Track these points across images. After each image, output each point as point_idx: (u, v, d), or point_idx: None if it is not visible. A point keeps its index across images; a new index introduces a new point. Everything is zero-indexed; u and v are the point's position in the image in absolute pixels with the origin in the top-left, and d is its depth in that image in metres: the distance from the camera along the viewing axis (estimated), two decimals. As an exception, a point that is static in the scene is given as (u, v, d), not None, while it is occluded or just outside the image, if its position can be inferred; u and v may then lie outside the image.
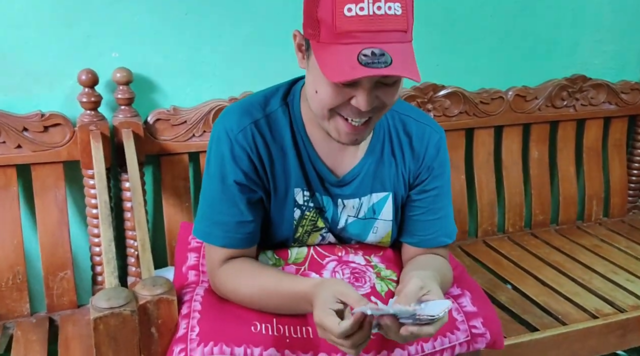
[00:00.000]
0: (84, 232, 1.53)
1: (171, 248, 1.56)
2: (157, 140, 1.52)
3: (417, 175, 1.11)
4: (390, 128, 1.10)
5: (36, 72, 1.43)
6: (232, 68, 1.58)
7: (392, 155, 1.10)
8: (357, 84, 0.89)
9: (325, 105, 0.93)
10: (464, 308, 1.09)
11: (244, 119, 1.04)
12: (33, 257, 1.49)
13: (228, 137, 1.03)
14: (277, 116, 1.05)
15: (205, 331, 0.99)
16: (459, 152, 1.82)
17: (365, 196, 1.10)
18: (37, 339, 1.36)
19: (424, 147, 1.10)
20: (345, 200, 1.10)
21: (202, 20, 1.53)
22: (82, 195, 1.49)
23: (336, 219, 1.11)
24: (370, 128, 0.98)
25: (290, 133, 1.05)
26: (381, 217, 1.13)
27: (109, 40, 1.47)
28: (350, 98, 0.91)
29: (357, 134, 0.96)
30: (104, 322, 0.98)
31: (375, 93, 0.90)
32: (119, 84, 1.45)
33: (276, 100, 1.07)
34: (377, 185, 1.10)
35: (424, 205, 1.12)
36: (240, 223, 1.04)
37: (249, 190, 1.04)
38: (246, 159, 1.03)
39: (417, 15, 1.70)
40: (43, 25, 1.41)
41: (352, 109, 0.92)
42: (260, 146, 1.04)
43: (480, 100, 1.80)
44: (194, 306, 1.06)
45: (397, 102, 1.10)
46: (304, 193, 1.07)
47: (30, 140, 1.41)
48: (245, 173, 1.03)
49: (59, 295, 1.48)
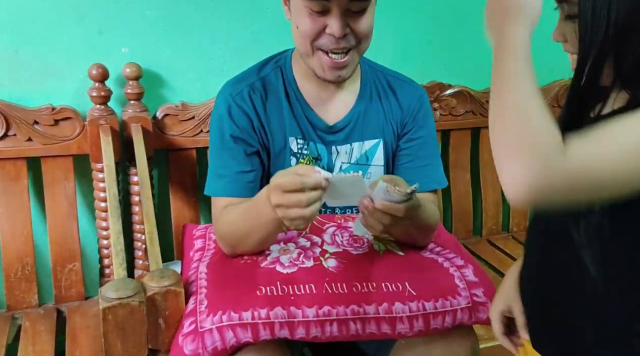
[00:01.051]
0: (92, 224, 1.54)
1: (178, 243, 1.57)
2: (165, 135, 1.53)
3: (404, 125, 1.21)
4: (376, 83, 1.21)
5: (47, 66, 1.45)
6: (241, 64, 1.57)
7: (380, 104, 1.20)
8: (329, 12, 1.02)
9: (305, 35, 1.05)
10: (466, 278, 1.10)
11: (240, 84, 1.17)
12: (42, 249, 1.51)
13: (226, 100, 1.15)
14: (271, 77, 1.18)
15: (213, 302, 1.01)
16: (464, 151, 1.83)
17: (356, 142, 1.19)
18: (45, 330, 1.37)
19: (408, 99, 1.21)
20: (338, 147, 1.19)
21: (212, 16, 1.54)
22: (91, 189, 1.51)
23: (331, 165, 1.19)
24: (352, 65, 1.09)
25: (283, 90, 1.17)
26: (374, 163, 1.21)
27: (120, 35, 1.48)
28: (325, 27, 1.03)
29: (339, 69, 1.07)
30: (112, 312, 0.99)
31: (347, 21, 1.03)
32: (129, 79, 1.47)
33: (269, 65, 1.20)
34: (367, 132, 1.20)
35: (412, 153, 1.21)
36: (239, 173, 1.13)
37: (245, 143, 1.13)
38: (243, 115, 1.13)
39: (424, 13, 1.73)
40: (54, 20, 1.43)
41: (329, 39, 1.04)
42: (257, 103, 1.15)
43: (486, 99, 1.80)
44: (200, 283, 1.08)
45: (382, 66, 1.26)
46: (297, 140, 1.17)
47: (40, 133, 1.43)
48: (241, 127, 1.13)
49: (67, 287, 1.49)
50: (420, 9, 1.72)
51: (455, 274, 1.10)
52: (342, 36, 1.03)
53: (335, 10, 1.01)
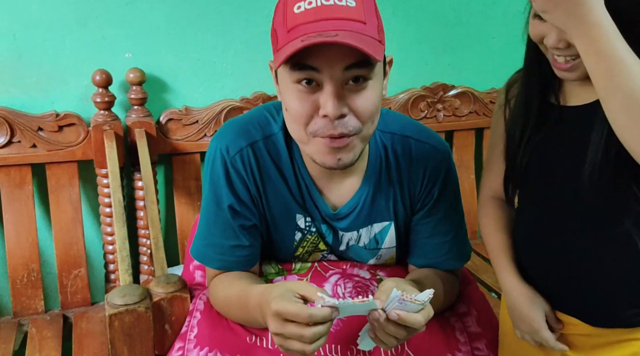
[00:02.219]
0: (98, 230, 1.55)
1: (183, 247, 1.57)
2: (169, 140, 1.53)
3: (418, 201, 1.04)
4: (388, 153, 1.03)
5: (51, 72, 1.46)
6: (244, 68, 1.60)
7: (389, 184, 1.03)
8: (320, 87, 0.84)
9: (296, 119, 0.87)
10: (468, 329, 1.05)
11: (241, 140, 0.99)
12: (47, 255, 1.51)
13: (223, 159, 0.99)
14: (277, 140, 1.00)
15: (203, 334, 0.99)
16: (468, 152, 1.82)
17: (363, 228, 1.05)
18: (51, 336, 1.37)
19: (424, 170, 1.02)
20: (343, 232, 1.05)
21: (214, 20, 1.54)
22: (95, 194, 1.51)
23: (337, 244, 1.08)
24: (355, 149, 0.89)
25: (289, 160, 1.00)
26: (384, 246, 1.08)
27: (123, 41, 1.49)
28: (318, 108, 0.85)
29: (339, 152, 0.88)
30: (119, 319, 0.99)
31: (344, 99, 0.84)
32: (132, 84, 1.47)
33: (277, 122, 1.01)
34: (376, 216, 1.04)
35: (429, 229, 1.05)
36: (235, 247, 1.01)
37: (243, 217, 1.01)
38: (241, 185, 0.99)
39: (427, 15, 1.73)
40: (58, 26, 1.43)
41: (324, 123, 0.85)
42: (257, 170, 0.99)
43: (490, 100, 1.80)
44: (197, 305, 1.07)
45: (396, 122, 1.05)
46: (305, 219, 1.04)
47: (45, 140, 1.43)
48: (240, 199, 1.00)
49: (73, 293, 1.49)
50: (424, 9, 1.72)
51: (456, 325, 1.05)
52: (337, 117, 0.83)
53: (327, 85, 0.82)
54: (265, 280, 1.10)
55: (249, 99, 1.58)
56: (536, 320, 0.91)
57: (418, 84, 1.76)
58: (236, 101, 1.57)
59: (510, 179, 0.95)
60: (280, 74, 0.89)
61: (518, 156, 0.91)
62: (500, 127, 0.97)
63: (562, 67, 0.82)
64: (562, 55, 0.81)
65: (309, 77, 0.83)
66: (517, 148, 0.91)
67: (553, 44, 0.80)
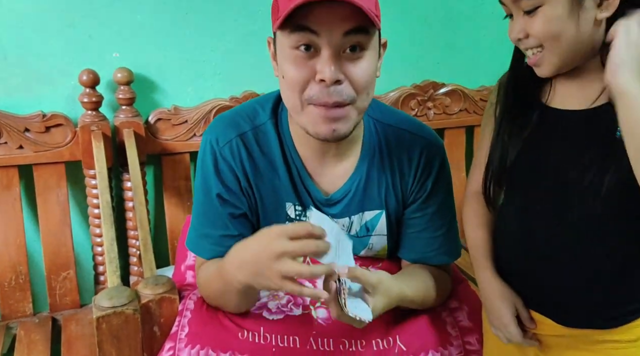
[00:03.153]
0: (86, 231, 1.53)
1: (173, 248, 1.56)
2: (158, 140, 1.52)
3: (410, 194, 1.05)
4: (381, 144, 1.04)
5: (37, 73, 1.44)
6: (233, 67, 1.59)
7: (382, 173, 1.04)
8: (318, 52, 0.85)
9: (292, 85, 0.87)
10: (459, 323, 1.06)
11: (230, 131, 1.01)
12: (36, 257, 1.49)
13: (213, 150, 1.01)
14: (266, 128, 1.02)
15: (194, 332, 0.99)
16: (459, 150, 1.82)
17: (355, 215, 1.05)
18: (40, 339, 1.36)
19: (418, 163, 1.03)
20: (335, 219, 1.04)
21: (203, 19, 1.53)
22: (84, 195, 1.49)
23: None
24: (349, 121, 0.90)
25: (279, 147, 1.01)
26: (375, 233, 1.08)
27: (110, 40, 1.47)
28: (314, 74, 0.86)
29: (334, 122, 0.88)
30: (106, 321, 0.98)
31: (340, 67, 0.85)
32: (120, 84, 1.46)
33: (265, 111, 1.03)
34: (368, 204, 1.05)
35: (421, 223, 1.06)
36: (224, 237, 1.02)
37: (231, 205, 1.02)
38: (230, 174, 1.01)
39: (417, 12, 1.72)
40: (44, 25, 1.42)
41: (320, 89, 0.86)
42: (246, 160, 1.01)
43: (480, 97, 1.80)
44: (187, 304, 1.06)
45: (392, 114, 1.07)
46: (295, 207, 1.04)
47: (32, 141, 1.41)
48: (228, 187, 1.01)
49: (62, 295, 1.48)
50: (413, 8, 1.72)
51: (447, 320, 1.06)
52: (333, 82, 0.85)
53: (325, 49, 0.84)
54: None
55: (239, 98, 1.57)
56: (505, 315, 0.92)
57: (408, 82, 1.76)
58: (225, 100, 1.56)
59: (493, 177, 0.94)
60: (278, 42, 0.90)
61: (505, 153, 0.91)
62: (490, 125, 0.97)
63: (531, 62, 0.84)
64: (527, 48, 0.83)
65: (308, 42, 0.85)
66: (503, 145, 0.91)
67: (515, 36, 0.83)
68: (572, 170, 0.83)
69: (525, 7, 0.79)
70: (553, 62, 0.82)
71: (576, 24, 0.78)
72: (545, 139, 0.88)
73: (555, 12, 0.77)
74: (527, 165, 0.89)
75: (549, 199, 0.87)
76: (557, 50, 0.80)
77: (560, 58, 0.81)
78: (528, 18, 0.80)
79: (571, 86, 0.85)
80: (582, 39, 0.79)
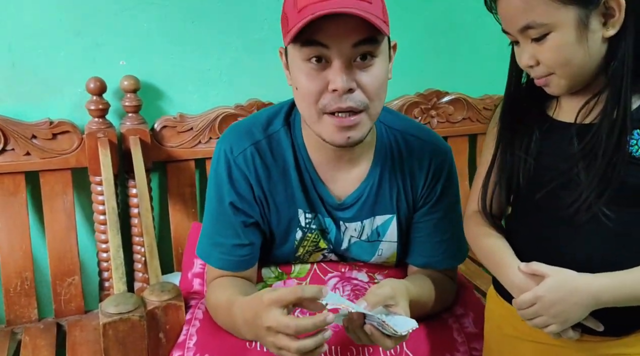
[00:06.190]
0: (92, 238, 1.54)
1: (177, 254, 1.57)
2: (163, 147, 1.53)
3: (420, 198, 1.08)
4: (392, 149, 1.06)
5: (45, 80, 1.45)
6: (239, 75, 1.60)
7: (394, 177, 1.06)
8: (329, 63, 0.87)
9: (306, 96, 0.90)
10: (465, 329, 1.07)
11: (244, 140, 1.03)
12: (41, 263, 1.50)
13: (227, 158, 1.03)
14: (280, 137, 1.04)
15: (203, 341, 0.99)
16: (462, 158, 1.83)
17: (367, 219, 1.07)
18: (45, 344, 1.37)
19: (427, 169, 1.06)
20: (347, 223, 1.07)
21: (209, 27, 1.55)
22: (89, 202, 1.50)
23: (339, 240, 1.09)
24: (362, 127, 0.93)
25: (292, 155, 1.03)
26: (385, 239, 1.10)
27: (117, 48, 1.49)
28: (327, 85, 0.88)
29: (348, 130, 0.91)
30: (112, 327, 0.99)
31: (352, 75, 0.88)
32: (127, 91, 1.47)
33: (279, 120, 1.05)
34: (379, 208, 1.07)
35: (429, 227, 1.08)
36: (236, 246, 1.03)
37: (244, 214, 1.03)
38: (244, 182, 1.02)
39: (421, 21, 1.74)
40: (52, 33, 1.43)
41: (333, 98, 0.89)
42: (260, 168, 1.02)
43: (483, 106, 1.81)
44: (196, 313, 1.07)
45: (401, 121, 1.10)
46: (306, 215, 1.06)
47: (39, 148, 1.42)
48: (242, 196, 1.02)
49: (67, 301, 1.49)
50: (417, 17, 1.73)
51: (453, 326, 1.07)
52: (345, 91, 0.87)
53: (336, 61, 0.87)
54: (265, 284, 1.11)
55: (244, 106, 1.58)
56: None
57: (412, 91, 1.77)
58: (231, 108, 1.57)
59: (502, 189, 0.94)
60: (290, 54, 0.92)
61: (516, 165, 0.91)
62: (493, 142, 0.96)
63: (540, 83, 0.85)
64: (537, 76, 0.84)
65: (319, 54, 0.87)
66: (511, 161, 0.92)
67: (525, 63, 0.83)
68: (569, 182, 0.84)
69: (533, 35, 0.80)
70: (563, 85, 0.83)
71: (585, 46, 0.78)
72: (552, 151, 0.88)
73: (564, 39, 0.78)
74: (537, 177, 0.89)
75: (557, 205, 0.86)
76: (567, 74, 0.81)
77: (570, 80, 0.82)
78: (536, 45, 0.80)
79: (577, 100, 0.85)
80: (591, 59, 0.80)
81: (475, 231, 0.98)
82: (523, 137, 0.90)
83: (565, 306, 0.81)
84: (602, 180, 0.80)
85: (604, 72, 0.81)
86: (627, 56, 0.78)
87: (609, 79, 0.80)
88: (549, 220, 0.89)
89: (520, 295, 0.85)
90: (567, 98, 0.87)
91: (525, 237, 0.92)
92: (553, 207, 0.87)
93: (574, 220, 0.84)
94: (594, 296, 0.80)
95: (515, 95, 0.92)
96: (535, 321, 0.84)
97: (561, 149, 0.86)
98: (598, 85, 0.82)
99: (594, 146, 0.81)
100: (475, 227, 0.99)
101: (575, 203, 0.82)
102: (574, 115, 0.85)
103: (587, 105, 0.83)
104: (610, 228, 0.82)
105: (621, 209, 0.81)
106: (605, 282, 0.81)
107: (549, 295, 0.81)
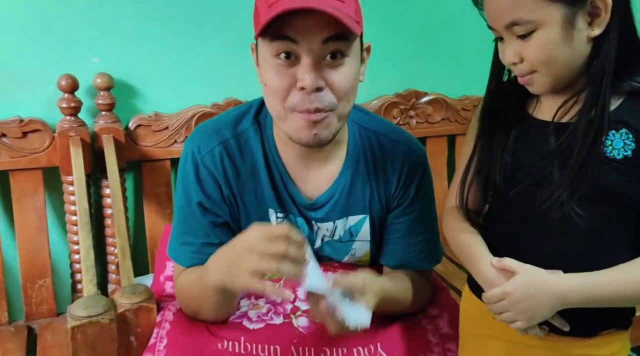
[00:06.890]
0: (64, 239, 1.51)
1: (152, 256, 1.54)
2: (138, 146, 1.51)
3: (394, 199, 1.07)
4: (365, 150, 1.05)
5: (15, 77, 1.42)
6: (215, 73, 1.58)
7: (367, 177, 1.05)
8: (299, 61, 0.86)
9: (274, 93, 0.89)
10: (440, 330, 1.07)
11: (212, 140, 1.01)
12: (11, 265, 1.46)
13: (194, 158, 1.01)
14: (249, 135, 1.02)
15: (173, 344, 0.98)
16: (441, 159, 1.83)
17: (340, 219, 1.06)
18: (15, 348, 1.33)
19: (401, 170, 1.05)
20: (319, 223, 1.06)
21: (184, 25, 1.52)
22: (61, 202, 1.47)
23: (312, 239, 1.08)
24: (330, 127, 0.91)
25: (262, 153, 1.02)
26: (359, 239, 1.09)
27: (90, 45, 1.46)
28: (295, 82, 0.87)
29: (315, 126, 0.89)
30: (81, 331, 0.96)
31: (321, 73, 0.86)
32: (100, 89, 1.44)
33: (248, 118, 1.04)
34: (352, 208, 1.05)
35: (403, 228, 1.07)
36: (206, 244, 1.02)
37: (213, 214, 1.02)
38: (212, 182, 1.01)
39: (400, 22, 1.73)
40: (23, 30, 1.40)
41: (301, 96, 0.87)
42: (228, 168, 1.01)
43: (462, 107, 1.81)
44: (166, 316, 1.05)
45: (377, 122, 1.09)
46: (277, 214, 1.04)
47: (8, 146, 1.39)
48: (210, 196, 1.01)
49: (38, 303, 1.45)
50: (396, 17, 1.72)
51: (428, 327, 1.07)
52: (314, 89, 0.86)
53: (305, 57, 0.85)
54: None
55: (220, 105, 1.56)
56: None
57: (391, 91, 1.76)
58: (207, 107, 1.55)
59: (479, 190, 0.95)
60: (260, 50, 0.91)
61: (489, 165, 0.91)
62: (474, 138, 0.97)
63: (523, 81, 0.85)
64: (521, 74, 0.84)
65: (287, 50, 0.86)
66: (489, 158, 0.92)
67: (509, 60, 0.83)
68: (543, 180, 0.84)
69: (519, 32, 0.79)
70: (546, 83, 0.83)
71: (570, 45, 0.78)
72: (529, 148, 0.88)
73: (550, 36, 0.78)
74: (512, 175, 0.89)
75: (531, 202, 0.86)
76: (550, 72, 0.81)
77: (553, 78, 0.82)
78: (521, 42, 0.80)
79: (557, 99, 0.86)
80: (575, 59, 0.80)
81: (452, 226, 0.99)
82: (501, 134, 0.90)
83: (532, 304, 0.82)
84: (575, 178, 0.80)
85: (586, 72, 0.81)
86: (610, 56, 0.78)
87: (590, 78, 0.80)
88: (522, 217, 0.89)
89: (491, 289, 0.86)
90: (548, 96, 0.87)
91: (500, 233, 0.93)
92: (527, 204, 0.87)
93: (546, 217, 0.84)
94: (561, 296, 0.81)
95: (496, 92, 0.92)
96: (502, 317, 0.85)
97: (538, 147, 0.86)
98: (579, 85, 0.82)
99: (569, 144, 0.81)
100: (452, 222, 0.99)
101: (547, 200, 0.82)
102: (553, 113, 0.85)
103: (566, 104, 0.83)
104: (582, 226, 0.82)
105: (593, 208, 0.82)
106: (573, 282, 0.81)
107: (516, 292, 0.82)
